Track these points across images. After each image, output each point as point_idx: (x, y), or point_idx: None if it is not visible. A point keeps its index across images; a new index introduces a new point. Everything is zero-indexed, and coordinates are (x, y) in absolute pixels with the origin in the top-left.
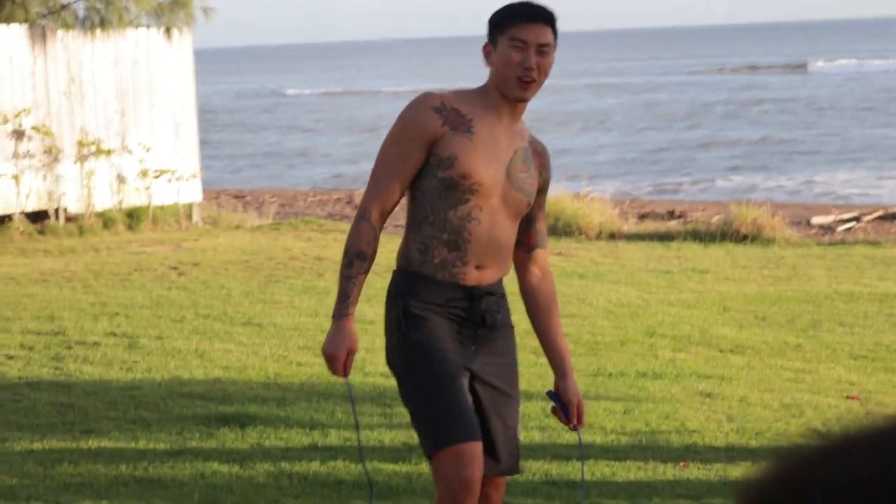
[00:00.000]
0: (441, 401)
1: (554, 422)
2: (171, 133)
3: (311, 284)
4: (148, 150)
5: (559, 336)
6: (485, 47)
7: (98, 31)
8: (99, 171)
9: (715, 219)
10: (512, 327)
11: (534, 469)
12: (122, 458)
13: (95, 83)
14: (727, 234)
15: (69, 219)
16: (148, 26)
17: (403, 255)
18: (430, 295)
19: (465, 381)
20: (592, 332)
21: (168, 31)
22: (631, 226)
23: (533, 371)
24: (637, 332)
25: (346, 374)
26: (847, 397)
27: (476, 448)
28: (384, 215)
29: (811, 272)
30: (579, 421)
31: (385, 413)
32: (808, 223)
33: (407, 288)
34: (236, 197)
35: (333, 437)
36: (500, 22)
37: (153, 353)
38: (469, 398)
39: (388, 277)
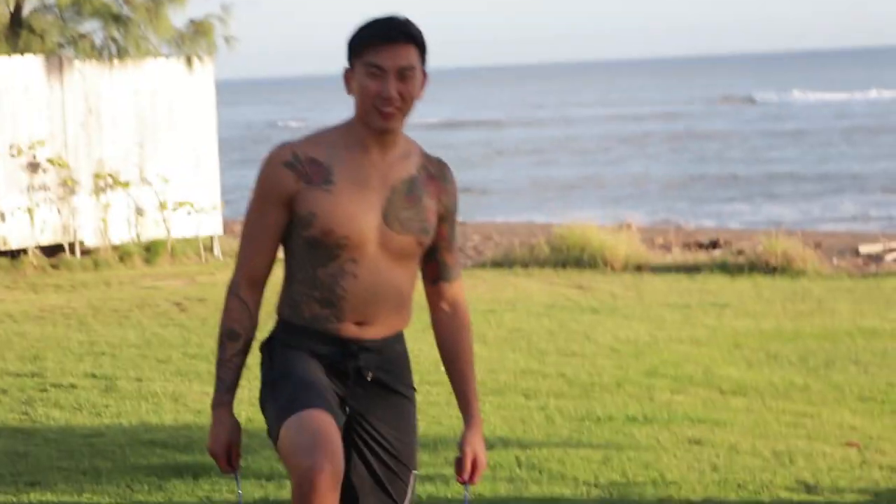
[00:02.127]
0: (291, 386)
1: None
2: (192, 164)
3: None
4: (167, 182)
5: (466, 379)
6: (345, 74)
7: (116, 60)
8: (116, 203)
9: (747, 250)
10: (407, 398)
11: None
12: None
13: (114, 114)
14: (756, 266)
15: (85, 252)
16: (168, 56)
17: (278, 307)
18: (299, 340)
19: (332, 399)
20: (590, 372)
21: (189, 60)
22: (659, 257)
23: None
24: (637, 372)
25: (233, 468)
26: (846, 444)
27: (328, 419)
28: (256, 284)
29: (836, 306)
30: (470, 478)
31: None
32: (856, 252)
33: (275, 333)
34: None
35: (288, 491)
36: (355, 45)
37: (128, 396)
38: (331, 399)
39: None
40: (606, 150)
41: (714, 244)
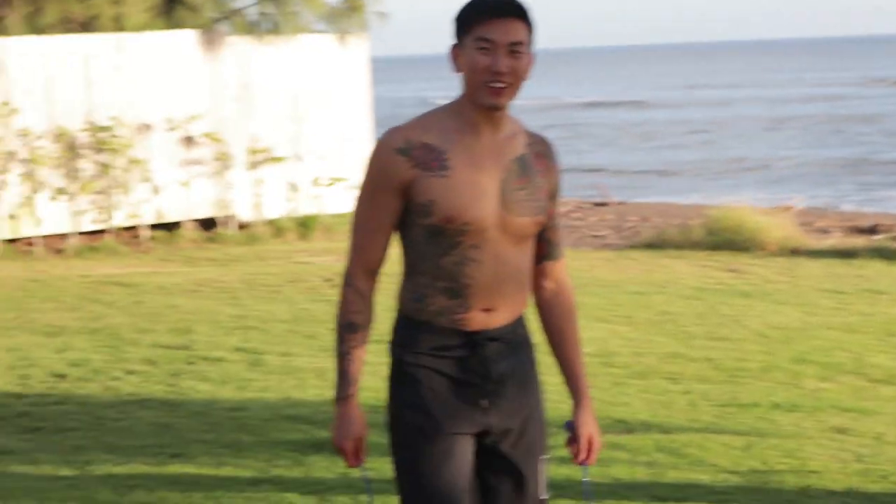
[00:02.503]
0: (428, 486)
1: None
2: (345, 140)
3: None
4: (321, 158)
5: (575, 359)
6: (452, 50)
7: (270, 36)
8: (270, 178)
9: None
10: (534, 380)
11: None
12: (198, 486)
13: (267, 89)
14: None
15: (240, 226)
16: (321, 32)
17: (400, 299)
18: (426, 343)
19: (465, 450)
20: (737, 357)
21: (342, 36)
22: (815, 241)
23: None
24: (785, 358)
25: (359, 462)
26: None
27: None
28: (372, 275)
29: None
30: (588, 457)
31: None
32: None
33: (401, 337)
34: None
35: None
36: (464, 19)
37: (274, 370)
38: (463, 476)
39: None
40: (768, 130)
41: (873, 229)
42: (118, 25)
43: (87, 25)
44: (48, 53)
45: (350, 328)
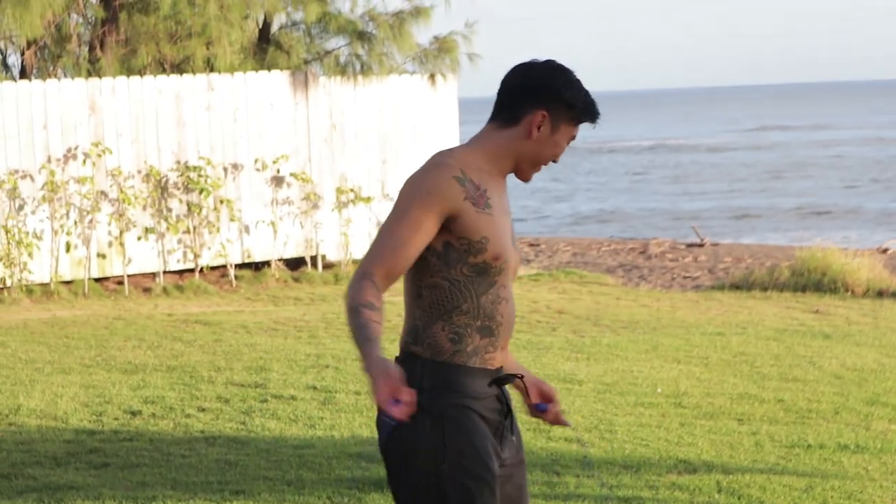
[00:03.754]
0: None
1: None
2: None
3: (538, 339)
4: None
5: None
6: (537, 116)
7: (360, 77)
8: (357, 218)
9: None
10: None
11: None
12: None
13: (356, 130)
14: None
15: (326, 266)
16: (412, 73)
17: (428, 345)
18: (466, 387)
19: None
20: (809, 398)
21: (433, 77)
22: None
23: None
24: (857, 400)
25: (412, 409)
26: None
27: None
28: (389, 282)
29: None
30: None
31: (550, 482)
32: None
33: (441, 381)
34: (531, 245)
35: None
36: (578, 110)
37: (344, 409)
38: None
39: None
40: (870, 171)
41: None
42: (210, 66)
43: (179, 67)
44: (139, 93)
45: (368, 305)
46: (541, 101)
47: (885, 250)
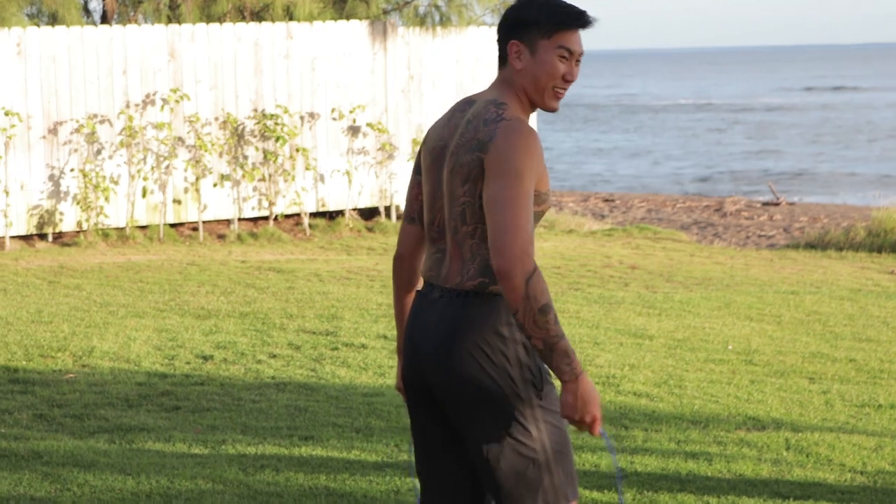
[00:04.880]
0: (571, 459)
1: None
2: None
3: (610, 294)
4: None
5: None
6: (513, 45)
7: (439, 28)
8: None
9: None
10: None
11: None
12: (325, 468)
13: (434, 81)
14: None
15: (400, 217)
16: (490, 24)
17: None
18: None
19: None
20: (882, 358)
21: None
22: None
23: None
24: None
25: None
26: None
27: None
28: None
29: None
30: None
31: (618, 436)
32: None
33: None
34: (606, 200)
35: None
36: (544, 23)
37: None
38: None
39: None
40: None
41: None
42: (290, 15)
43: (259, 15)
44: (218, 40)
45: (552, 308)
46: (509, 33)
47: None
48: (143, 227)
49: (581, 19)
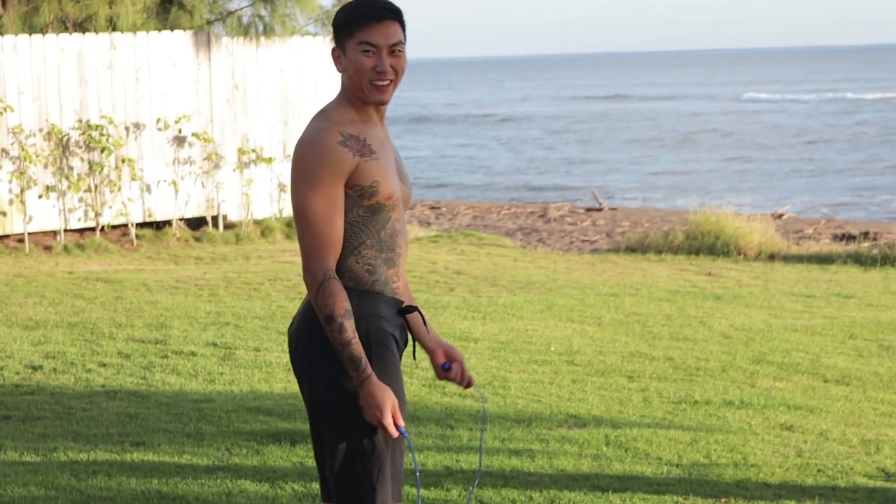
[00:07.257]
0: (396, 461)
1: None
2: None
3: (436, 299)
4: None
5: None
6: (333, 52)
7: (263, 38)
8: (259, 178)
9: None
10: None
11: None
12: (157, 473)
13: (259, 90)
14: (889, 259)
15: (227, 226)
16: (314, 34)
17: (349, 277)
18: (387, 314)
19: None
20: (698, 357)
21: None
22: (794, 247)
23: None
24: (744, 358)
25: (400, 427)
26: None
27: None
28: (336, 260)
29: None
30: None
31: (443, 435)
32: None
33: (367, 309)
34: (432, 208)
35: None
36: (345, 25)
37: (243, 365)
38: None
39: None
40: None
41: (865, 235)
42: (113, 26)
43: (82, 25)
44: (41, 52)
45: (348, 314)
46: (333, 42)
47: (780, 215)
48: None
49: (373, 12)
